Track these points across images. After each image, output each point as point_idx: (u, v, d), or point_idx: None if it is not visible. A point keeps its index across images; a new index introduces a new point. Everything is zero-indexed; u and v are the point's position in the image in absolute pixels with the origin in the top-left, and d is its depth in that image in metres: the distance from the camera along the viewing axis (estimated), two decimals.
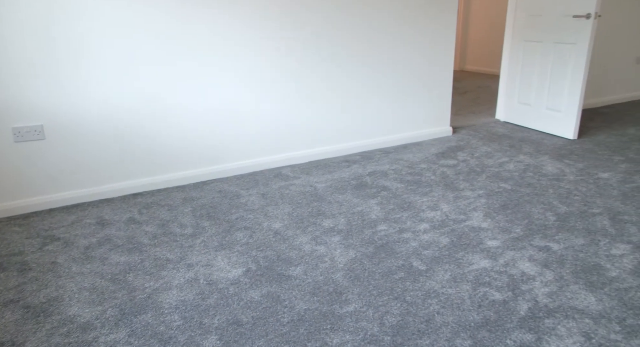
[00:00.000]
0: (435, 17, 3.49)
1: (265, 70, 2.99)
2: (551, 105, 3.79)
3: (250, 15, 2.83)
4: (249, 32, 2.86)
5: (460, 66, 7.99)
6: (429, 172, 3.02)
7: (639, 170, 2.93)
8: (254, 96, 3.01)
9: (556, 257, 1.96)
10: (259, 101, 3.04)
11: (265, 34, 2.91)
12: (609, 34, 4.63)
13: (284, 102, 3.12)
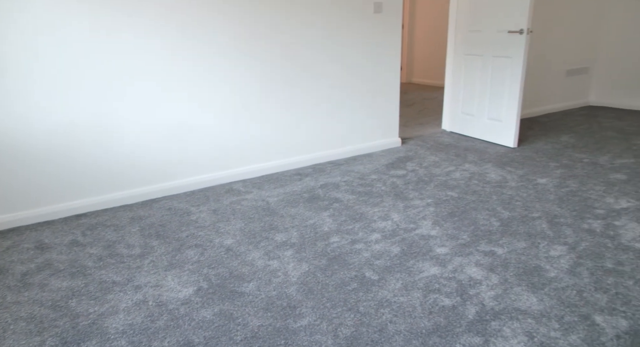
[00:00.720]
0: (382, 33, 3.60)
1: (215, 86, 2.97)
2: (492, 115, 3.98)
3: (200, 29, 2.81)
4: (199, 46, 2.83)
5: (408, 79, 8.24)
6: (380, 183, 3.08)
7: (572, 175, 3.12)
8: (204, 111, 2.97)
9: (500, 261, 2.04)
10: (209, 116, 3.00)
11: (215, 49, 2.89)
12: (542, 49, 4.93)
13: (235, 117, 3.10)
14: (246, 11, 2.95)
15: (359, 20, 3.46)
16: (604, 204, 2.62)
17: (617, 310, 1.67)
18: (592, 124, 4.63)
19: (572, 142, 3.96)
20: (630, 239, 2.20)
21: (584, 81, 5.56)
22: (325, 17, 3.29)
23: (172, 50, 2.76)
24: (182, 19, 2.75)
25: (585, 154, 3.60)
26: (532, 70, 4.92)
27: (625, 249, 2.10)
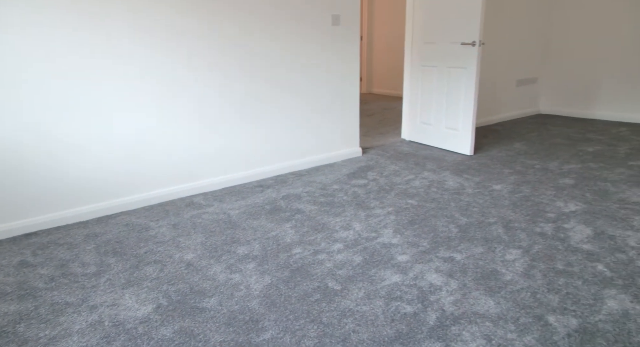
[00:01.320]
0: (340, 45, 3.65)
1: (173, 97, 2.92)
2: (449, 124, 4.10)
3: (158, 42, 2.76)
4: (156, 57, 2.79)
5: (368, 89, 8.38)
6: (341, 193, 3.11)
7: (525, 181, 3.25)
8: (162, 124, 2.92)
9: (459, 267, 2.09)
10: (167, 128, 2.95)
11: (174, 61, 2.85)
12: (494, 60, 5.13)
13: (194, 129, 3.06)
14: (205, 24, 2.93)
15: (318, 32, 3.50)
16: (554, 208, 2.73)
17: (568, 309, 1.74)
18: (542, 131, 4.84)
19: (524, 149, 4.13)
20: (579, 240, 2.31)
21: (534, 91, 5.82)
22: (285, 29, 3.31)
23: (128, 62, 2.71)
24: (138, 32, 2.70)
25: (537, 160, 3.76)
26: (485, 81, 5.11)
27: (574, 251, 2.20)
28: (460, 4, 3.76)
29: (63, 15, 2.45)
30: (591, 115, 5.47)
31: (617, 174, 3.33)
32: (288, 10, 3.31)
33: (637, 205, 2.74)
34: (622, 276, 1.97)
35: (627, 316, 1.69)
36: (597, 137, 4.50)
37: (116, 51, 2.65)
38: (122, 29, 2.64)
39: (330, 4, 3.52)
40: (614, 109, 5.27)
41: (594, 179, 3.24)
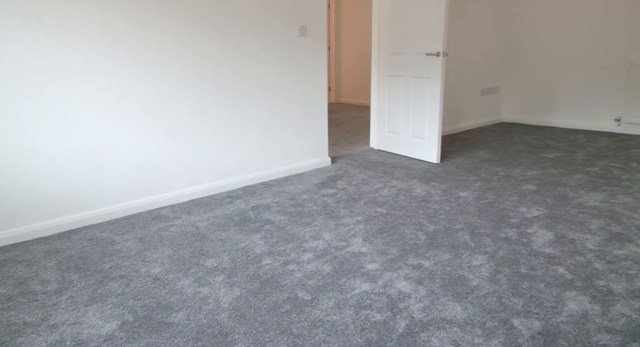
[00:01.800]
0: (308, 55, 3.68)
1: (140, 108, 2.87)
2: (416, 133, 4.17)
3: (123, 49, 2.71)
4: (120, 67, 2.73)
5: (336, 99, 8.45)
6: (311, 203, 3.11)
7: (490, 187, 3.34)
8: (127, 135, 2.86)
9: (428, 274, 2.12)
10: (132, 140, 2.89)
11: (138, 70, 2.81)
12: (459, 70, 5.28)
13: (160, 139, 3.01)
14: (173, 35, 2.91)
15: (286, 43, 3.52)
16: (517, 214, 2.82)
17: (532, 312, 1.79)
18: (506, 139, 4.99)
19: (489, 156, 4.24)
20: (541, 245, 2.38)
21: (497, 100, 6.00)
22: (253, 41, 3.31)
23: (90, 69, 2.65)
24: (99, 38, 2.65)
25: (501, 167, 3.87)
26: (450, 90, 5.24)
27: (537, 255, 2.27)
28: (424, 16, 3.86)
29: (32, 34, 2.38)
30: (550, 123, 5.68)
31: (575, 179, 3.47)
32: (255, 22, 3.31)
33: (594, 209, 2.85)
34: (581, 278, 2.04)
35: (586, 317, 1.75)
36: (556, 144, 4.67)
37: (76, 60, 2.59)
38: (85, 40, 2.59)
39: (298, 15, 3.55)
40: (571, 117, 5.49)
41: (554, 184, 3.36)
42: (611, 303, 1.84)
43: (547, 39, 5.51)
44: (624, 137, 4.87)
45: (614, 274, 2.07)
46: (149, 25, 2.82)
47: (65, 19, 2.51)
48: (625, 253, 2.26)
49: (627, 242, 2.38)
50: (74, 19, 2.54)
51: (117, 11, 2.67)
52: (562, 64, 5.44)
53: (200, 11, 3.02)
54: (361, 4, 7.66)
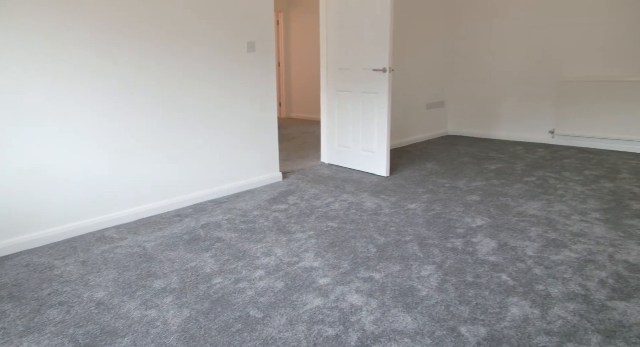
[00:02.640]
0: (257, 71, 3.69)
1: (79, 123, 2.76)
2: (366, 147, 4.26)
3: (64, 65, 2.61)
4: (61, 82, 2.63)
5: (287, 114, 8.49)
6: (262, 219, 3.09)
7: (437, 199, 3.45)
8: (68, 152, 2.74)
9: (378, 286, 2.15)
10: (73, 157, 2.77)
11: (82, 85, 2.71)
12: (405, 85, 5.45)
13: (104, 157, 2.90)
14: (116, 51, 2.83)
15: (234, 60, 3.52)
16: (463, 224, 2.92)
17: (477, 319, 1.85)
18: (451, 151, 5.18)
19: (436, 168, 4.39)
20: (485, 253, 2.48)
21: (442, 113, 6.24)
22: (201, 58, 3.29)
23: (29, 86, 2.53)
24: (46, 50, 2.54)
25: (447, 179, 4.01)
26: (397, 104, 5.40)
27: (482, 263, 2.36)
28: (370, 33, 3.98)
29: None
30: (492, 136, 5.97)
31: (516, 189, 3.65)
32: (203, 39, 3.29)
33: (533, 217, 3.01)
34: (523, 283, 2.14)
35: (528, 321, 1.83)
36: (497, 155, 4.90)
37: (6, 73, 2.47)
38: (26, 55, 2.47)
39: (245, 31, 3.56)
40: (510, 130, 5.79)
41: (496, 194, 3.52)
42: (549, 306, 1.93)
43: (487, 56, 5.81)
44: (557, 148, 5.19)
45: (551, 278, 2.18)
46: (93, 44, 2.73)
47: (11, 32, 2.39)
48: (561, 258, 2.39)
49: (562, 248, 2.52)
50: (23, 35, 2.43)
51: (80, 36, 2.58)
52: (501, 80, 5.74)
53: (145, 28, 2.97)
54: (309, 21, 7.79)
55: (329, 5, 4.34)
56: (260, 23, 3.65)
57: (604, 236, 2.67)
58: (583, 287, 2.09)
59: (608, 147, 5.06)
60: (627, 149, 4.95)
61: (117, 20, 2.83)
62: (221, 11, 3.38)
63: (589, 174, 4.05)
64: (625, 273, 2.21)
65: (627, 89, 4.75)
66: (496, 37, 5.68)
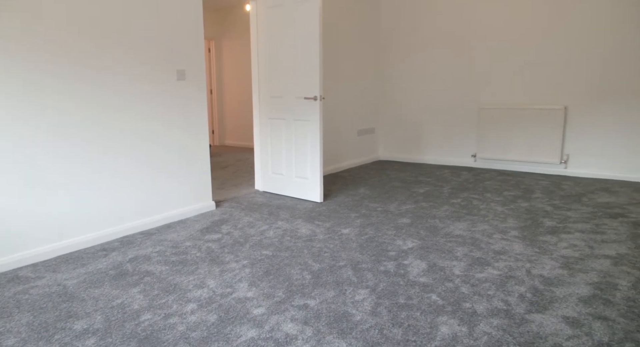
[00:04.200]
0: (187, 99, 3.64)
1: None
2: (299, 173, 4.30)
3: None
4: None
5: (221, 141, 8.39)
6: (195, 250, 3.00)
7: (370, 223, 3.53)
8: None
9: (313, 313, 2.15)
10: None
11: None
12: (336, 112, 5.60)
13: (17, 190, 2.70)
14: (39, 76, 2.68)
15: (164, 88, 3.45)
16: (395, 247, 3.01)
17: (410, 341, 1.90)
18: (382, 176, 5.36)
19: (368, 193, 4.50)
20: (416, 274, 2.56)
21: (373, 139, 6.46)
22: (129, 86, 3.19)
23: None
24: None
25: (379, 203, 4.12)
26: (330, 131, 5.53)
27: (413, 285, 2.43)
28: (300, 61, 4.08)
29: None
30: (421, 160, 6.25)
31: (443, 211, 3.82)
32: (131, 66, 3.21)
33: (459, 237, 3.16)
34: (451, 302, 2.23)
35: (456, 339, 1.90)
36: (426, 179, 5.13)
37: None
38: None
39: (175, 59, 3.52)
40: (437, 154, 6.11)
41: (425, 217, 3.67)
42: (476, 323, 2.02)
43: (413, 84, 6.14)
44: (479, 171, 5.52)
45: (477, 296, 2.29)
46: (15, 72, 2.57)
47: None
48: (485, 276, 2.53)
49: (486, 266, 2.66)
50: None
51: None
52: (427, 107, 6.07)
53: (68, 54, 2.85)
54: (241, 48, 7.84)
55: (259, 34, 4.41)
56: (190, 51, 3.63)
57: (522, 252, 2.86)
58: (505, 303, 2.21)
59: (523, 169, 5.47)
60: (539, 170, 5.37)
61: (39, 47, 2.70)
62: (149, 40, 3.32)
63: (507, 194, 4.34)
64: (541, 287, 2.37)
65: (538, 116, 5.20)
66: (421, 67, 6.03)
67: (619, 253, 2.82)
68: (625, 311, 2.12)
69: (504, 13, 5.35)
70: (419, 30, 5.98)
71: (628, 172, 4.88)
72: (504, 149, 5.48)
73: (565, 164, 5.20)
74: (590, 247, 2.93)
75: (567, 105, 5.11)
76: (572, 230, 3.27)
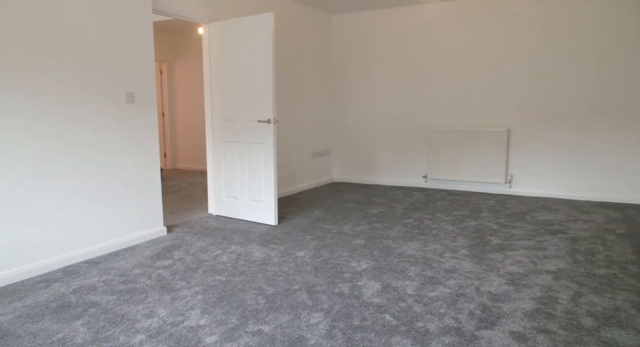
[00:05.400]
0: (137, 122, 3.56)
1: None
2: (253, 196, 4.27)
3: None
4: None
5: (173, 165, 8.21)
6: (144, 277, 2.89)
7: (324, 245, 3.54)
8: None
9: (268, 339, 2.11)
10: None
11: None
12: (291, 135, 5.64)
13: None
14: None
15: (112, 111, 3.37)
16: (349, 268, 3.03)
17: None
18: (337, 197, 5.40)
19: (323, 215, 4.53)
20: (370, 295, 2.58)
21: (327, 161, 6.53)
22: (76, 108, 3.09)
23: None
24: None
25: (333, 224, 4.15)
26: (284, 154, 5.54)
27: (367, 306, 2.45)
28: (254, 84, 4.10)
29: None
30: (374, 181, 6.36)
31: (396, 231, 3.90)
32: (78, 88, 3.12)
33: (412, 257, 3.22)
34: (404, 322, 2.26)
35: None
36: (379, 200, 5.22)
37: None
38: None
39: (124, 82, 3.45)
40: (390, 176, 6.24)
41: (379, 237, 3.72)
42: (428, 342, 2.06)
43: (366, 107, 6.29)
44: (431, 191, 5.69)
45: (429, 314, 2.33)
46: None
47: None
48: (436, 294, 2.58)
49: (437, 285, 2.73)
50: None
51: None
52: (379, 130, 6.23)
53: (10, 74, 2.73)
54: (194, 71, 7.78)
55: (212, 57, 4.41)
56: (140, 73, 3.57)
57: (471, 270, 2.95)
58: (456, 320, 2.26)
59: (472, 189, 5.69)
60: (486, 190, 5.60)
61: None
62: (97, 61, 3.25)
63: (457, 214, 4.48)
64: (489, 303, 2.45)
65: (483, 138, 5.45)
66: (373, 90, 6.20)
67: (559, 268, 2.97)
68: (565, 323, 2.23)
69: (450, 40, 5.63)
70: (370, 55, 6.17)
71: (564, 190, 5.18)
72: (453, 170, 5.69)
73: (509, 183, 5.45)
74: (534, 263, 3.06)
75: (509, 128, 5.39)
76: (517, 247, 3.42)
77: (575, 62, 4.98)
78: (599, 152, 4.98)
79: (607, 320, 2.25)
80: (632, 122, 4.79)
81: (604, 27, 4.80)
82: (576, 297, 2.53)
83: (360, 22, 6.18)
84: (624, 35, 4.72)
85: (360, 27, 6.21)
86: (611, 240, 3.56)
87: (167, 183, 6.57)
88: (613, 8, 4.74)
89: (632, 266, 2.99)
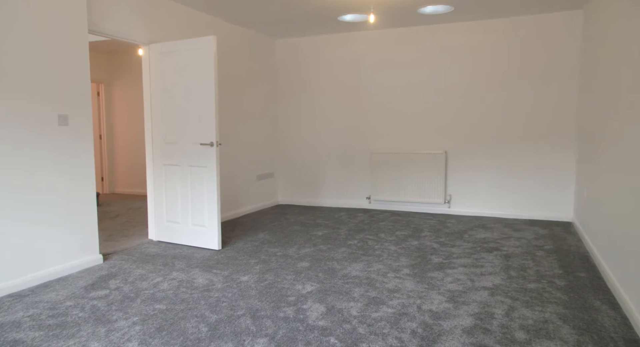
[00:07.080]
0: (71, 145, 3.40)
1: None
2: (196, 221, 4.16)
3: None
4: None
5: (110, 189, 7.87)
6: (77, 310, 2.72)
7: (269, 269, 3.51)
8: None
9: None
10: None
11: None
12: (235, 158, 5.59)
13: None
14: None
15: (42, 134, 3.20)
16: (294, 291, 3.01)
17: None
18: (282, 220, 5.38)
19: (268, 238, 4.49)
20: (315, 318, 2.58)
21: (272, 184, 6.51)
22: (3, 129, 2.91)
23: None
24: None
25: (278, 247, 4.12)
26: (228, 177, 5.48)
27: (312, 329, 2.44)
28: (196, 107, 4.05)
29: None
30: (319, 204, 6.41)
31: (341, 253, 3.93)
32: (2, 107, 2.94)
33: (356, 278, 3.26)
34: (349, 344, 2.27)
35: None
36: (324, 222, 5.25)
37: None
38: None
39: (56, 103, 3.30)
40: (334, 197, 6.32)
41: (324, 259, 3.74)
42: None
43: (310, 130, 6.37)
44: (374, 212, 5.81)
45: (373, 335, 2.36)
46: None
47: None
48: (380, 315, 2.62)
49: (381, 305, 2.77)
50: None
51: None
52: (323, 152, 6.31)
53: None
54: (133, 92, 7.57)
55: (152, 79, 4.32)
56: (74, 94, 3.43)
57: (413, 289, 3.02)
58: (399, 340, 2.30)
59: (413, 209, 5.86)
60: (427, 210, 5.79)
61: None
62: (26, 82, 3.09)
63: (400, 234, 4.60)
64: (430, 321, 2.52)
65: (423, 160, 5.66)
66: (316, 113, 6.30)
67: (495, 284, 3.11)
68: (501, 337, 2.33)
69: (389, 66, 5.87)
70: (313, 79, 6.29)
71: (497, 209, 5.47)
72: (395, 191, 5.85)
73: (448, 203, 5.68)
74: (472, 280, 3.19)
75: (447, 150, 5.65)
76: (456, 265, 3.55)
77: (503, 89, 5.34)
78: (526, 174, 5.32)
79: (537, 332, 2.38)
80: (554, 147, 5.17)
81: (532, 55, 5.20)
82: (510, 311, 2.65)
83: (304, 47, 6.32)
84: (552, 64, 5.14)
85: (304, 52, 6.33)
86: (540, 255, 3.79)
87: (104, 208, 6.27)
88: (539, 37, 5.15)
89: (559, 280, 3.19)
